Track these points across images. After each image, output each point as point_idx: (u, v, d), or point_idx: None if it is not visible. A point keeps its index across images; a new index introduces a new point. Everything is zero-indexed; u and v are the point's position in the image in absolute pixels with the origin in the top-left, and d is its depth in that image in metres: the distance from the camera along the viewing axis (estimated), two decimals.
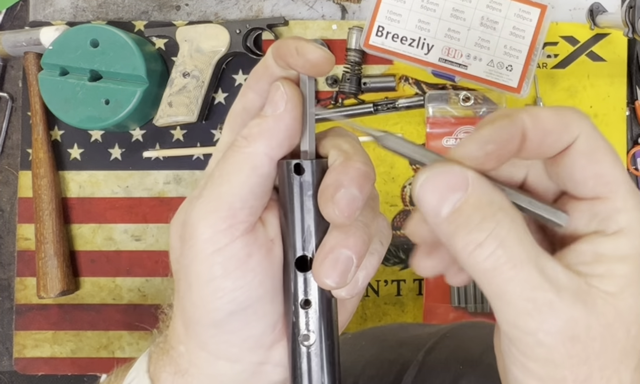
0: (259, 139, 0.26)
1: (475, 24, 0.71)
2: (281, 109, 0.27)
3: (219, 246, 0.26)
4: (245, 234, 0.27)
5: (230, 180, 0.26)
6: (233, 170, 0.27)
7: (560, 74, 0.75)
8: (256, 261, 0.27)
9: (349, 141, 0.28)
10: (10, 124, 0.78)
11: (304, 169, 0.27)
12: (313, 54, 0.26)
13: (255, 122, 0.27)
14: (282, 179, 0.27)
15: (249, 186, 0.26)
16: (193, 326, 0.28)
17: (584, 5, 0.74)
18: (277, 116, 0.27)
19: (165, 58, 0.76)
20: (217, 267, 0.26)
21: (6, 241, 0.78)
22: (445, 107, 0.74)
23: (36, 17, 0.77)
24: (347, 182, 0.26)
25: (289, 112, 0.27)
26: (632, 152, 0.76)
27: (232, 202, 0.26)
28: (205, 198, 0.27)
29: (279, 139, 0.27)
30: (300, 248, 0.27)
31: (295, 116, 0.27)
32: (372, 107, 0.73)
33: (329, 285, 0.26)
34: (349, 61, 0.74)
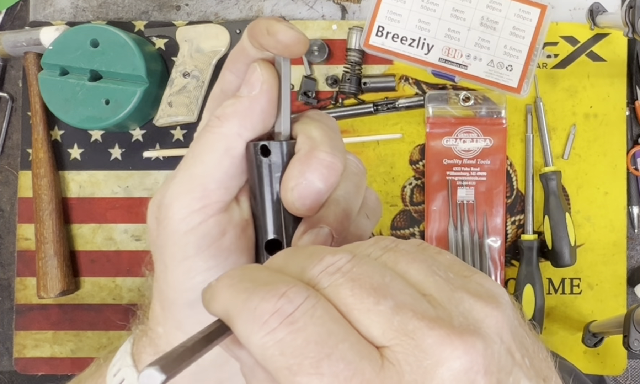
0: (232, 119, 0.27)
1: (475, 24, 0.71)
2: (256, 91, 0.26)
3: (193, 225, 0.26)
4: (219, 213, 0.27)
5: (203, 160, 0.27)
6: (206, 150, 0.27)
7: (560, 74, 0.75)
8: (230, 240, 0.27)
9: (319, 127, 0.27)
10: (10, 124, 0.78)
11: (269, 151, 0.26)
12: (283, 34, 0.26)
13: (229, 102, 0.27)
14: (250, 161, 0.27)
15: (223, 166, 0.26)
16: (169, 306, 0.28)
17: (584, 5, 0.74)
18: (252, 97, 0.27)
19: (165, 58, 0.76)
20: (190, 247, 0.26)
21: (6, 241, 0.78)
22: (445, 107, 0.74)
23: (36, 17, 0.77)
24: (309, 173, 0.26)
25: (264, 94, 0.27)
26: (632, 152, 0.76)
27: (206, 183, 0.26)
28: (179, 179, 0.27)
29: (253, 120, 0.27)
30: (270, 231, 0.27)
31: (271, 98, 0.27)
32: (372, 107, 0.73)
33: None
34: (349, 61, 0.74)
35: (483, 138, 0.74)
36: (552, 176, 0.73)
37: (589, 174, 0.75)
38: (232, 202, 0.28)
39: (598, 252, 0.75)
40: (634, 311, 0.59)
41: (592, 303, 0.75)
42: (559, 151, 0.75)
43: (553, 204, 0.72)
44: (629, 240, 0.76)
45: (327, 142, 0.27)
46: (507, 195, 0.75)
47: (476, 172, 0.74)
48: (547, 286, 0.75)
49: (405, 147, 0.75)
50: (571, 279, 0.75)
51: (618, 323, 0.62)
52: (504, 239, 0.74)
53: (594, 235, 0.75)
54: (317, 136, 0.27)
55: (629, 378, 0.78)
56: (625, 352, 0.74)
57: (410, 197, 0.75)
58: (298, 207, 0.26)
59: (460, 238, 0.74)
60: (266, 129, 0.27)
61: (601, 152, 0.75)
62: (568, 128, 0.75)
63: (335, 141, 0.27)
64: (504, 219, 0.74)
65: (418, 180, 0.75)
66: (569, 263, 0.72)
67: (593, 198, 0.75)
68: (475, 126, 0.74)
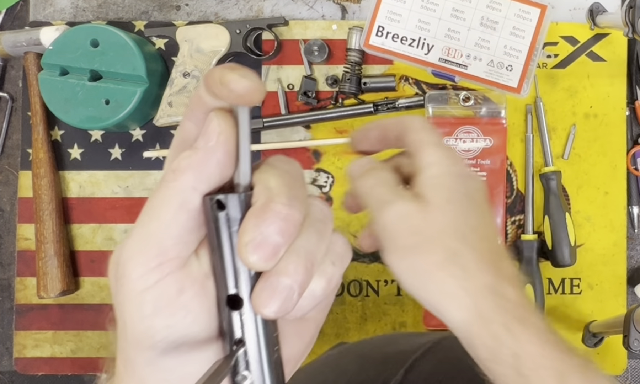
0: (187, 172, 0.26)
1: (475, 24, 0.71)
2: (212, 142, 0.26)
3: (149, 284, 0.26)
4: (177, 269, 0.26)
5: (158, 216, 0.26)
6: (161, 206, 0.26)
7: (560, 74, 0.75)
8: (189, 297, 0.26)
9: (278, 175, 0.27)
10: (10, 124, 0.78)
11: (224, 205, 0.26)
12: (236, 84, 0.25)
13: (185, 154, 0.26)
14: (207, 215, 0.26)
15: (179, 222, 0.26)
16: (130, 365, 0.28)
17: (584, 5, 0.74)
18: (208, 148, 0.26)
19: (166, 58, 0.76)
20: (148, 306, 0.26)
21: (6, 241, 0.78)
22: (445, 107, 0.74)
23: (36, 17, 0.77)
24: (264, 227, 0.25)
25: (221, 145, 0.26)
26: (632, 152, 0.76)
27: (162, 240, 0.26)
28: (135, 236, 0.26)
29: (209, 173, 0.26)
30: (230, 286, 0.26)
31: (228, 149, 0.26)
32: (372, 107, 0.73)
33: (268, 316, 0.26)
34: (349, 61, 0.74)
35: (483, 138, 0.74)
36: (552, 176, 0.73)
37: (589, 174, 0.75)
38: (191, 257, 0.27)
39: (598, 252, 0.75)
40: (634, 311, 0.59)
41: (592, 303, 0.75)
42: (559, 151, 0.75)
43: (553, 204, 0.72)
44: (629, 240, 0.76)
45: (285, 192, 0.26)
46: (507, 195, 0.75)
47: (476, 172, 0.74)
48: (547, 286, 0.75)
49: None
50: (571, 279, 0.75)
51: (618, 323, 0.62)
52: (504, 239, 0.74)
53: (594, 235, 0.75)
54: (274, 185, 0.26)
55: (629, 378, 0.78)
56: (625, 352, 0.74)
57: None
58: (254, 262, 0.25)
59: None
60: (224, 181, 0.27)
61: (601, 152, 0.75)
62: (568, 128, 0.75)
63: (295, 189, 0.27)
64: (504, 219, 0.74)
65: None
66: (569, 263, 0.72)
67: (593, 198, 0.75)
68: (475, 126, 0.74)
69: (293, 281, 0.26)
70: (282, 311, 0.26)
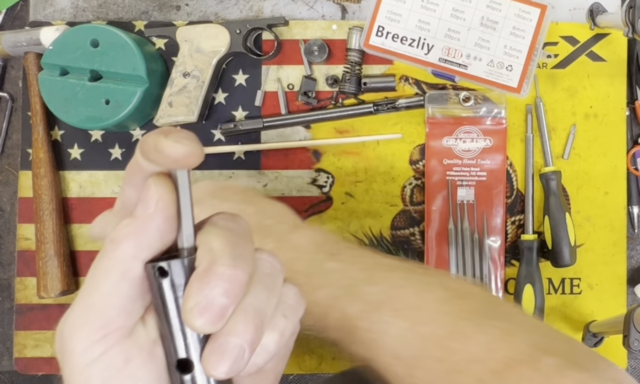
0: (126, 241, 0.25)
1: (475, 24, 0.71)
2: (151, 209, 0.25)
3: (94, 357, 0.25)
4: (122, 339, 0.26)
5: (99, 288, 0.25)
6: (101, 277, 0.26)
7: (560, 74, 0.75)
8: (136, 365, 0.26)
9: (221, 235, 0.26)
10: (10, 124, 0.78)
11: (167, 271, 0.25)
12: (171, 150, 0.25)
13: (124, 223, 0.26)
14: (151, 282, 0.26)
15: (121, 292, 0.25)
16: None
17: (584, 5, 0.74)
18: (147, 216, 0.25)
19: (166, 58, 0.76)
20: (94, 379, 0.26)
21: (6, 241, 0.78)
22: (445, 107, 0.74)
23: (36, 17, 0.77)
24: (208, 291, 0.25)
25: (160, 212, 0.25)
26: (632, 152, 0.76)
27: (104, 311, 0.25)
28: (77, 309, 0.26)
29: (149, 240, 0.26)
30: (180, 350, 0.26)
31: (167, 215, 0.26)
32: (372, 107, 0.73)
33: (219, 377, 0.26)
34: (349, 61, 0.74)
35: (483, 138, 0.74)
36: (552, 176, 0.73)
37: (589, 174, 0.75)
38: (138, 325, 0.27)
39: (598, 252, 0.75)
40: (634, 311, 0.59)
41: (592, 303, 0.75)
42: (559, 151, 0.75)
43: (553, 204, 0.72)
44: (629, 240, 0.76)
45: (228, 253, 0.26)
46: (507, 195, 0.75)
47: (476, 172, 0.74)
48: (547, 286, 0.75)
49: (405, 147, 0.75)
50: (571, 279, 0.75)
51: (618, 323, 0.62)
52: (503, 239, 0.74)
53: (594, 235, 0.75)
54: (217, 246, 0.26)
55: None
56: (625, 352, 0.74)
57: (410, 197, 0.75)
58: (200, 326, 0.25)
59: (460, 238, 0.74)
60: (166, 246, 0.26)
61: (601, 152, 0.75)
62: (568, 128, 0.75)
63: (239, 248, 0.26)
64: (504, 219, 0.74)
65: (418, 180, 0.75)
66: (569, 263, 0.72)
67: (593, 198, 0.75)
68: (475, 126, 0.74)
69: (243, 340, 0.25)
70: (233, 371, 0.25)
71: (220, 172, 0.75)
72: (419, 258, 0.75)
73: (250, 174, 0.75)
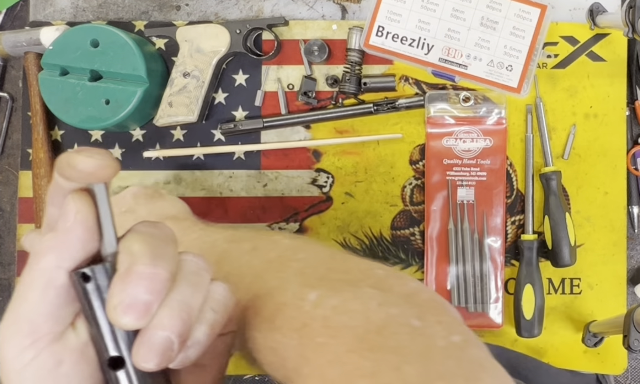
0: (49, 253, 0.27)
1: (475, 24, 0.71)
2: (70, 222, 0.27)
3: (26, 362, 0.27)
4: (52, 343, 0.28)
5: (26, 298, 0.27)
6: (28, 288, 0.27)
7: (560, 74, 0.75)
8: (68, 367, 0.28)
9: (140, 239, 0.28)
10: (10, 124, 0.78)
11: (89, 276, 0.27)
12: (83, 164, 0.27)
13: (46, 237, 0.28)
14: (77, 289, 0.28)
15: (47, 300, 0.27)
16: None
17: (584, 5, 0.74)
18: (67, 228, 0.27)
19: (166, 58, 0.76)
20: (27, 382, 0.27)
21: (6, 241, 0.78)
22: (445, 107, 0.74)
23: (36, 17, 0.77)
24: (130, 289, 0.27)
25: (79, 224, 0.27)
26: (632, 152, 0.76)
27: (32, 319, 0.27)
28: (7, 319, 0.28)
29: (71, 250, 0.27)
30: (110, 349, 0.28)
31: (87, 226, 0.28)
32: (372, 107, 0.73)
33: (150, 369, 0.27)
34: (349, 61, 0.74)
35: (483, 138, 0.74)
36: (552, 176, 0.73)
37: (589, 174, 0.75)
38: (68, 330, 0.28)
39: (598, 252, 0.75)
40: (634, 311, 0.59)
41: (592, 302, 0.75)
42: (559, 151, 0.75)
43: (553, 204, 0.72)
44: (629, 240, 0.76)
45: (148, 254, 0.28)
46: (507, 195, 0.75)
47: (476, 172, 0.74)
48: (547, 286, 0.75)
49: (405, 147, 0.75)
50: (571, 279, 0.75)
51: (618, 323, 0.62)
52: (504, 239, 0.74)
53: (594, 235, 0.75)
54: (137, 249, 0.28)
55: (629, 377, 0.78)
56: (625, 352, 0.74)
57: (410, 197, 0.75)
58: (125, 323, 0.27)
59: (460, 238, 0.74)
60: (89, 255, 0.28)
61: (601, 152, 0.75)
62: (568, 128, 0.75)
63: (159, 249, 0.28)
64: (504, 219, 0.74)
65: (418, 180, 0.75)
66: (569, 263, 0.72)
67: (593, 198, 0.75)
68: (475, 126, 0.74)
69: (170, 332, 0.27)
70: (163, 362, 0.27)
71: (220, 172, 0.75)
72: (419, 258, 0.75)
73: (250, 174, 0.75)
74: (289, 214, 0.75)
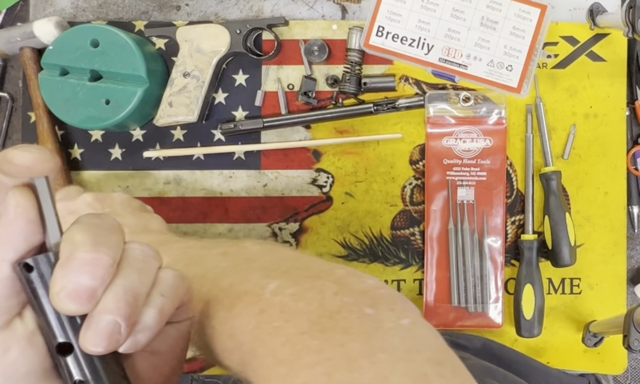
0: None
1: (475, 24, 0.71)
2: (11, 215, 0.28)
3: None
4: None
5: None
6: None
7: (560, 74, 0.75)
8: (15, 354, 0.28)
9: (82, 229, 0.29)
10: (10, 124, 0.78)
11: (32, 266, 0.28)
12: (19, 159, 0.27)
13: None
14: (21, 279, 0.28)
15: None
16: None
17: (584, 5, 0.74)
18: (8, 221, 0.28)
19: (166, 58, 0.76)
20: None
21: None
22: (445, 107, 0.74)
23: (36, 17, 0.76)
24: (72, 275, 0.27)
25: (20, 216, 0.28)
26: (632, 152, 0.76)
27: None
28: None
29: (13, 242, 0.28)
30: (58, 335, 0.28)
31: (28, 218, 0.28)
32: (372, 107, 0.73)
33: (98, 352, 0.28)
34: (349, 61, 0.74)
35: (483, 138, 0.74)
36: (552, 176, 0.73)
37: (589, 174, 0.75)
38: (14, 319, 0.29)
39: (598, 252, 0.75)
40: (634, 311, 0.60)
41: (592, 302, 0.75)
42: (559, 151, 0.75)
43: (553, 204, 0.72)
44: (629, 240, 0.76)
45: (89, 241, 0.28)
46: (507, 195, 0.75)
47: (476, 172, 0.74)
48: (547, 286, 0.75)
49: (405, 147, 0.75)
50: (571, 279, 0.75)
51: (618, 323, 0.62)
52: (504, 239, 0.74)
53: (594, 235, 0.75)
54: (78, 238, 0.28)
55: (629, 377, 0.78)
56: (625, 352, 0.74)
57: (410, 197, 0.75)
58: (70, 308, 0.27)
59: (460, 238, 0.74)
60: (32, 246, 0.29)
61: (601, 152, 0.75)
62: (568, 128, 0.75)
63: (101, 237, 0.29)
64: (504, 219, 0.74)
65: (418, 180, 0.75)
66: (569, 263, 0.72)
67: (593, 198, 0.75)
68: (475, 126, 0.74)
69: (116, 316, 0.28)
70: (111, 345, 0.28)
71: (220, 172, 0.75)
72: (419, 258, 0.75)
73: (250, 174, 0.75)
74: (289, 214, 0.75)
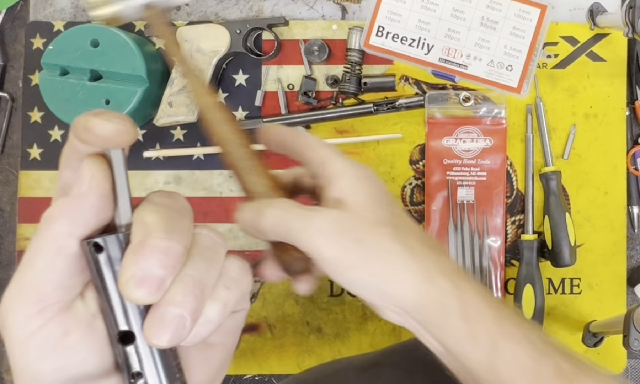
0: (60, 219, 0.26)
1: (475, 24, 0.71)
2: (85, 188, 0.26)
3: (32, 330, 0.26)
4: (60, 313, 0.26)
5: (35, 265, 0.26)
6: (36, 254, 0.26)
7: (560, 74, 0.75)
8: (76, 338, 0.27)
9: (155, 211, 0.27)
10: (10, 124, 0.78)
11: (102, 247, 0.26)
12: (100, 129, 0.26)
13: (57, 202, 0.27)
14: (88, 259, 0.27)
15: (57, 268, 0.26)
16: None
17: (584, 5, 0.74)
18: (81, 194, 0.26)
19: (166, 58, 0.75)
20: (33, 352, 0.26)
21: (6, 241, 0.78)
22: (445, 107, 0.74)
23: (36, 17, 0.77)
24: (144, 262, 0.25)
25: (93, 190, 0.26)
26: (632, 152, 0.76)
27: (39, 286, 0.26)
28: (13, 286, 0.27)
29: (84, 217, 0.26)
30: (121, 323, 0.27)
31: (102, 193, 0.26)
32: (372, 107, 0.73)
33: (161, 346, 0.26)
34: (349, 61, 0.74)
35: (483, 138, 0.74)
36: (552, 176, 0.73)
37: (589, 174, 0.75)
38: (76, 300, 0.27)
39: (598, 252, 0.75)
40: (634, 311, 0.60)
41: (592, 303, 0.75)
42: (559, 151, 0.75)
43: (553, 204, 0.72)
44: (629, 240, 0.76)
45: (162, 227, 0.26)
46: (507, 195, 0.75)
47: (476, 172, 0.74)
48: (547, 286, 0.75)
49: (405, 147, 0.75)
50: (571, 279, 0.75)
51: (618, 323, 0.62)
52: (504, 239, 0.74)
53: (594, 235, 0.75)
54: (151, 221, 0.27)
55: (629, 378, 0.78)
56: (625, 352, 0.74)
57: (410, 197, 0.75)
58: (138, 297, 0.25)
59: (460, 238, 0.74)
60: (102, 223, 0.27)
61: (601, 152, 0.75)
62: (568, 128, 0.75)
63: (174, 221, 0.27)
64: (504, 219, 0.74)
65: (418, 180, 0.75)
66: (569, 263, 0.72)
67: (593, 198, 0.75)
68: (475, 126, 0.74)
69: (182, 309, 0.26)
70: (175, 339, 0.26)
71: (220, 172, 0.75)
72: None
73: None
74: None
